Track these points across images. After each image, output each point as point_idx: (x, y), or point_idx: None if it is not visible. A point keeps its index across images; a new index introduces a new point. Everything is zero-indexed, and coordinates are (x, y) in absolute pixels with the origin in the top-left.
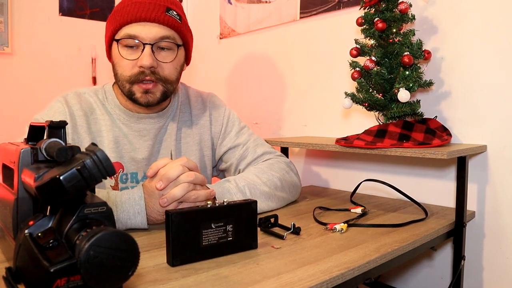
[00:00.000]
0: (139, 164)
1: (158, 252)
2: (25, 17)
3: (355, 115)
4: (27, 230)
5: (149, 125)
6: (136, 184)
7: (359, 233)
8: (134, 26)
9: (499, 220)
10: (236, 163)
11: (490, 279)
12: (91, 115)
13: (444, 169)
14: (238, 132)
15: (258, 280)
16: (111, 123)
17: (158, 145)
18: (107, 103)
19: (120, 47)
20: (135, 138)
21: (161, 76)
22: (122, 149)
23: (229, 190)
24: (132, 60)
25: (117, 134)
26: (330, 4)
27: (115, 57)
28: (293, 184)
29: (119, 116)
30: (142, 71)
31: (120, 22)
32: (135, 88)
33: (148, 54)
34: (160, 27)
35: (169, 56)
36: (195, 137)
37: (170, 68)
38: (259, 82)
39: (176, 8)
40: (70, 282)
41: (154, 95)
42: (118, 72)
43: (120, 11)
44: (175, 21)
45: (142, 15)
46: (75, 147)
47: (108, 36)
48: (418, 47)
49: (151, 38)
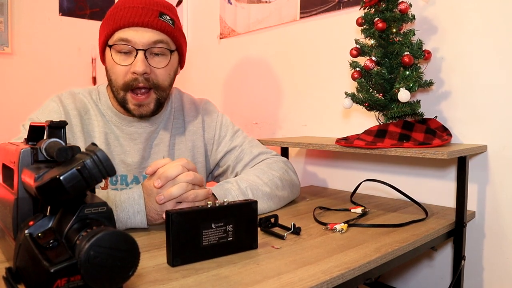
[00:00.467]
0: (129, 167)
1: (158, 252)
2: (25, 17)
3: (355, 115)
4: (27, 230)
5: (140, 129)
6: (126, 187)
7: (359, 233)
8: (127, 31)
9: (499, 220)
10: (233, 165)
11: (490, 279)
12: (85, 115)
13: (444, 169)
14: (232, 136)
15: (258, 280)
16: (104, 124)
17: (149, 150)
18: (100, 104)
19: (114, 52)
20: (126, 141)
21: (154, 83)
22: (112, 151)
23: (230, 192)
24: (125, 66)
25: (109, 136)
26: (330, 4)
27: (108, 63)
28: (293, 183)
29: (111, 118)
30: (135, 78)
31: (113, 27)
32: (128, 98)
33: (141, 60)
34: (153, 32)
35: (162, 62)
36: (188, 144)
37: (163, 74)
38: (259, 82)
39: (170, 12)
40: (70, 282)
41: (148, 107)
42: (112, 78)
43: (113, 16)
44: (168, 26)
45: (135, 20)
46: (75, 147)
47: (102, 41)
48: (418, 47)
49: (144, 44)
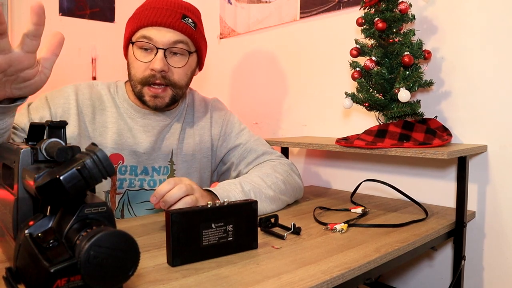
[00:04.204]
0: (140, 158)
1: (158, 252)
2: (25, 17)
3: (355, 115)
4: (27, 230)
5: (154, 121)
6: (135, 177)
7: (360, 233)
8: (150, 29)
9: (500, 220)
10: (236, 163)
11: (490, 279)
12: (99, 106)
13: (445, 169)
14: (238, 133)
15: (258, 280)
16: (118, 116)
17: (160, 142)
18: (117, 97)
19: (135, 48)
20: (139, 132)
21: (171, 81)
22: (124, 142)
23: (234, 195)
24: (145, 63)
25: (122, 127)
26: (330, 4)
27: (130, 58)
28: (296, 186)
29: (126, 110)
30: (153, 74)
31: (137, 24)
32: (145, 91)
33: (160, 58)
34: (175, 33)
35: (180, 62)
36: (196, 138)
37: (180, 73)
38: (259, 82)
39: (192, 15)
40: (71, 282)
41: (163, 99)
42: (131, 72)
43: (139, 15)
44: (189, 28)
45: (159, 20)
46: (75, 147)
47: (126, 37)
48: (418, 47)
49: (164, 43)
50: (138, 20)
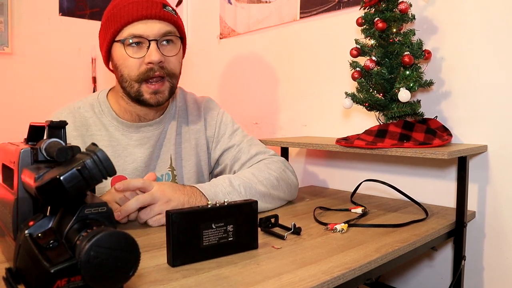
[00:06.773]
0: (142, 172)
1: (158, 252)
2: (25, 17)
3: (355, 115)
4: (27, 231)
5: (148, 132)
6: None
7: (360, 233)
8: (136, 24)
9: (500, 220)
10: (230, 164)
11: (490, 279)
12: (87, 133)
13: (445, 169)
14: (231, 134)
15: (258, 280)
16: (109, 138)
17: (158, 151)
18: (103, 117)
19: (125, 47)
20: (136, 148)
21: (168, 70)
22: (123, 163)
23: (221, 189)
24: (139, 58)
25: (116, 148)
26: (330, 4)
27: (118, 59)
28: (290, 183)
29: (117, 128)
30: (150, 68)
31: (121, 23)
32: (143, 89)
33: (155, 50)
34: (162, 23)
35: (172, 50)
36: (192, 142)
37: (174, 62)
38: (259, 82)
39: (168, 3)
40: (71, 282)
41: (163, 94)
42: (124, 73)
43: (118, 13)
44: (172, 16)
45: (144, 13)
46: (75, 147)
47: (108, 40)
48: (418, 47)
49: (155, 34)
50: (120, 18)
